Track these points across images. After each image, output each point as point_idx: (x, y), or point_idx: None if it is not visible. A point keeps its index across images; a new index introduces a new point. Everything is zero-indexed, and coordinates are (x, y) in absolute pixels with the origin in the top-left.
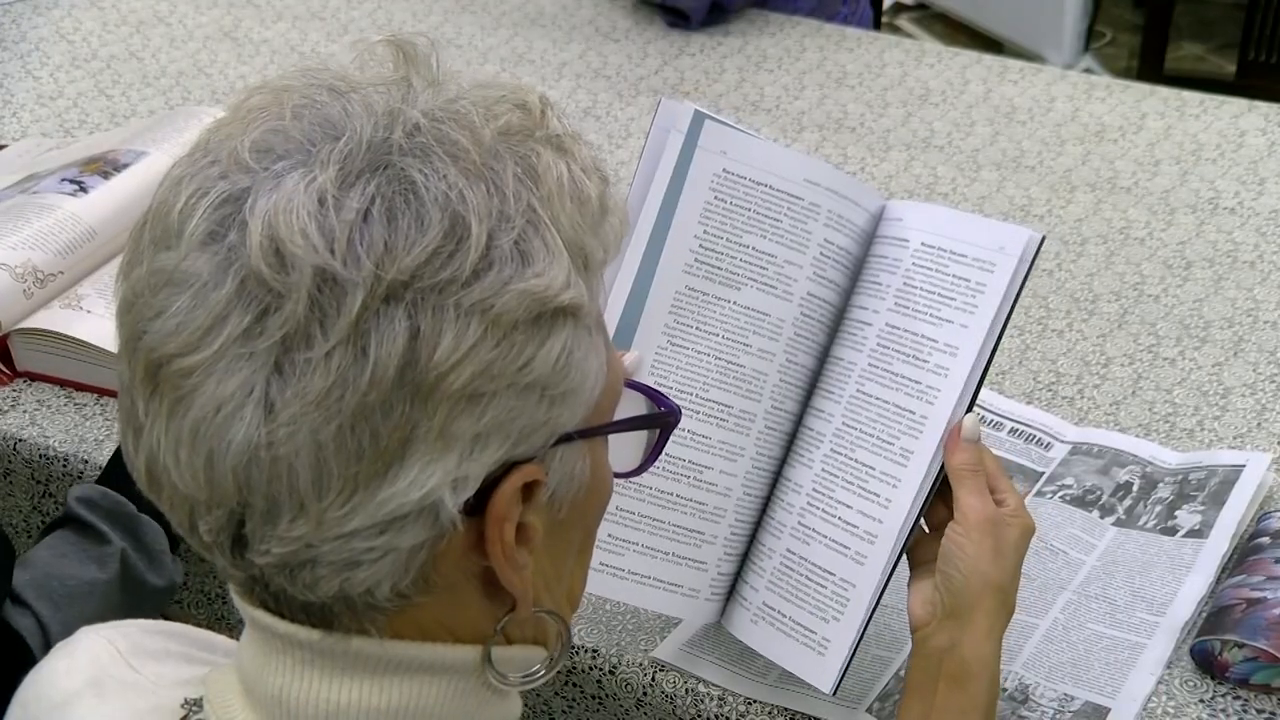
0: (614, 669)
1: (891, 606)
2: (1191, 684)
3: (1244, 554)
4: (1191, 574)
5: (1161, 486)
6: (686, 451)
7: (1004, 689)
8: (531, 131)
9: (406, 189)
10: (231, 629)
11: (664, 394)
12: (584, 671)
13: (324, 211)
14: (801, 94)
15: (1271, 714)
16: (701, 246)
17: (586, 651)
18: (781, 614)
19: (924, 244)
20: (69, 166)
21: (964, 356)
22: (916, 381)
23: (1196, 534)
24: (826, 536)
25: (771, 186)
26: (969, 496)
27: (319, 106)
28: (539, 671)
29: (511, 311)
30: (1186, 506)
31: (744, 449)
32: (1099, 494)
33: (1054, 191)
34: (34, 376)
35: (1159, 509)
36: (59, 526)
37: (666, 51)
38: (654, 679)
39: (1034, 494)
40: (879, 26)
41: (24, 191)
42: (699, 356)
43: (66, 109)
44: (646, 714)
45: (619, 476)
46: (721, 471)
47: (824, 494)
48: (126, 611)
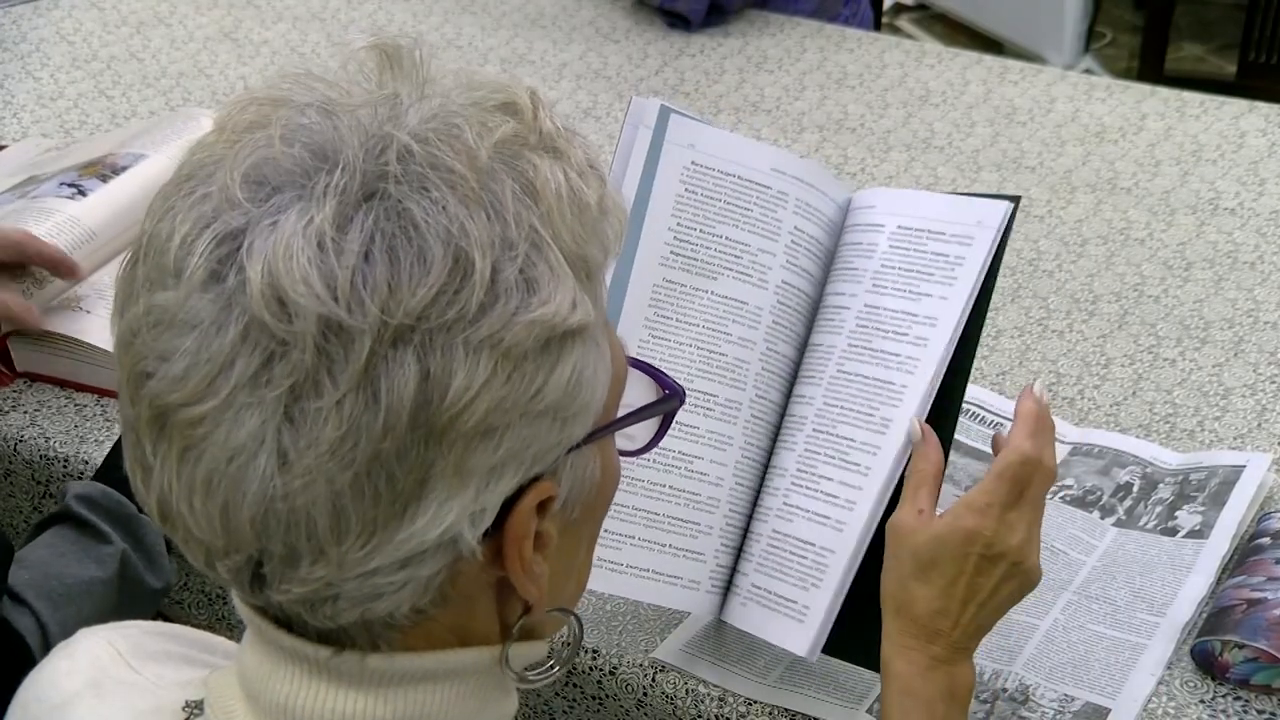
0: (614, 670)
1: None
2: (1192, 685)
3: (1244, 554)
4: (1192, 574)
5: (1162, 487)
6: (676, 443)
7: (1004, 689)
8: (526, 139)
9: (407, 224)
10: (232, 629)
11: (664, 372)
12: (584, 672)
13: (324, 256)
14: (802, 95)
15: (1272, 714)
16: (676, 239)
17: (587, 652)
18: (767, 591)
19: (900, 226)
20: (68, 170)
21: (943, 326)
22: (896, 354)
23: (1197, 534)
24: (809, 511)
25: (739, 176)
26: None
27: (309, 130)
28: (552, 668)
29: (521, 343)
30: (1187, 507)
31: (732, 438)
32: (1099, 494)
33: (1054, 192)
34: (34, 377)
35: (1159, 509)
36: (56, 522)
37: (666, 52)
38: (654, 679)
39: None
40: (879, 27)
41: (23, 196)
42: (681, 348)
43: (67, 110)
44: (647, 714)
45: (625, 455)
46: (712, 461)
47: (807, 472)
48: (123, 612)
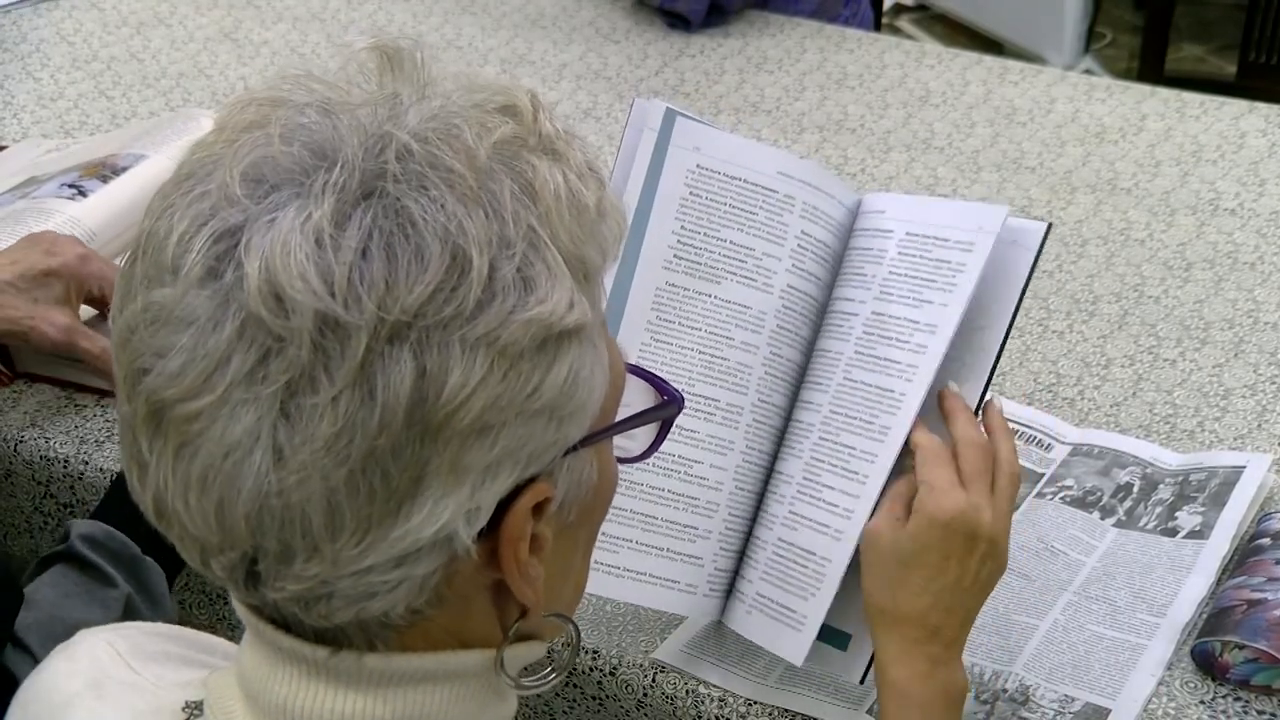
0: (614, 670)
1: None
2: (1192, 685)
3: (1244, 555)
4: (1192, 575)
5: (1162, 488)
6: (676, 447)
7: (1004, 690)
8: (525, 140)
9: (404, 222)
10: (233, 629)
11: (663, 379)
12: (585, 673)
13: (322, 252)
14: (802, 95)
15: (1272, 715)
16: (680, 242)
17: (587, 653)
18: (772, 600)
19: (909, 233)
20: (68, 171)
21: (942, 332)
22: (897, 362)
23: (1197, 535)
24: (813, 520)
25: (745, 180)
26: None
27: (308, 129)
28: (550, 675)
29: (518, 341)
30: (1187, 508)
31: (733, 443)
32: (1099, 495)
33: (1054, 193)
34: (34, 378)
35: (1159, 510)
36: (59, 560)
37: (667, 53)
38: (654, 680)
39: (1034, 495)
40: (879, 28)
41: (24, 197)
42: (683, 352)
43: (67, 110)
44: (647, 715)
45: (623, 463)
46: (712, 465)
47: (812, 480)
48: None
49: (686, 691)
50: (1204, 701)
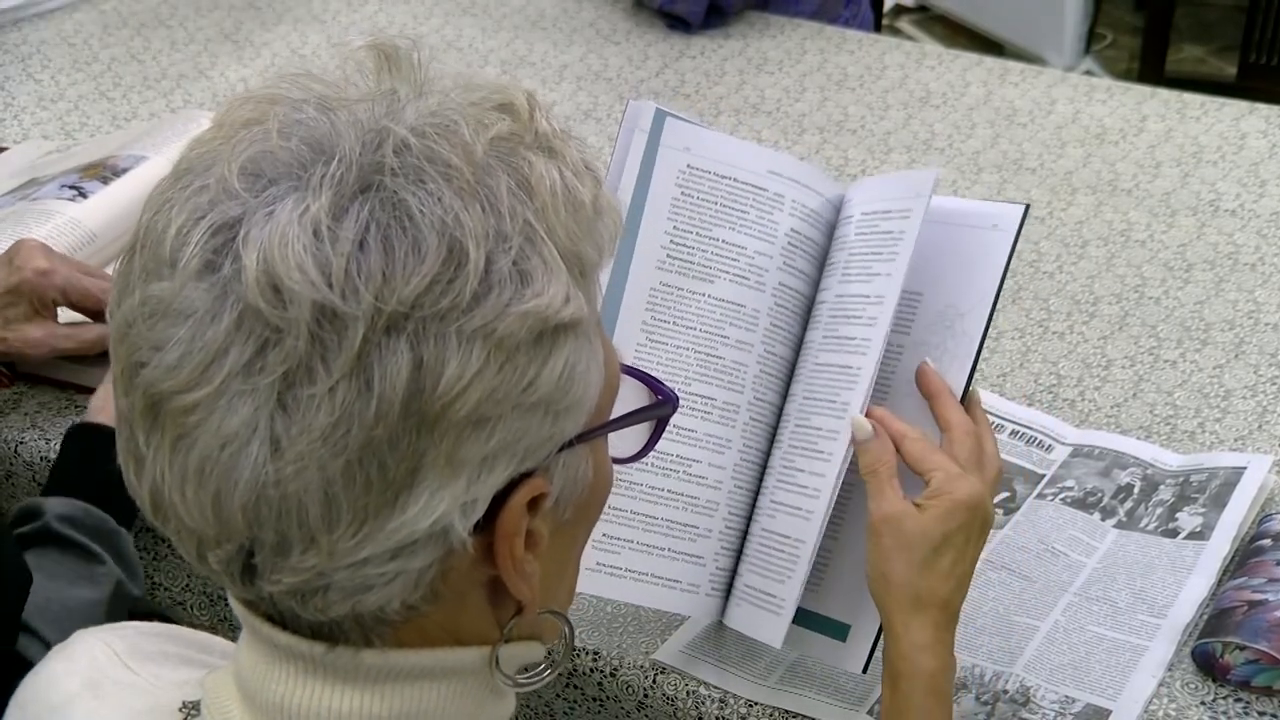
0: (615, 671)
1: None
2: (1193, 686)
3: (1245, 556)
4: (1193, 576)
5: (1163, 489)
6: (674, 446)
7: (1005, 691)
8: (521, 137)
9: (402, 215)
10: (233, 630)
11: (658, 379)
12: (585, 674)
13: (319, 244)
14: (802, 96)
15: (1273, 716)
16: (672, 242)
17: (587, 654)
18: (755, 589)
19: (864, 213)
20: (69, 173)
21: (888, 302)
22: (852, 338)
23: (1198, 536)
24: (788, 505)
25: (735, 179)
26: (869, 500)
27: (306, 124)
28: (544, 671)
29: (514, 334)
30: (1188, 509)
31: (730, 441)
32: (1100, 496)
33: (1055, 194)
34: (34, 379)
35: (1160, 511)
36: (36, 542)
37: (667, 54)
38: (655, 681)
39: (1035, 496)
40: (879, 29)
41: (24, 198)
42: (679, 351)
43: (67, 111)
44: (647, 716)
45: (618, 463)
46: (710, 464)
47: (788, 466)
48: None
49: (687, 693)
50: (1204, 703)
